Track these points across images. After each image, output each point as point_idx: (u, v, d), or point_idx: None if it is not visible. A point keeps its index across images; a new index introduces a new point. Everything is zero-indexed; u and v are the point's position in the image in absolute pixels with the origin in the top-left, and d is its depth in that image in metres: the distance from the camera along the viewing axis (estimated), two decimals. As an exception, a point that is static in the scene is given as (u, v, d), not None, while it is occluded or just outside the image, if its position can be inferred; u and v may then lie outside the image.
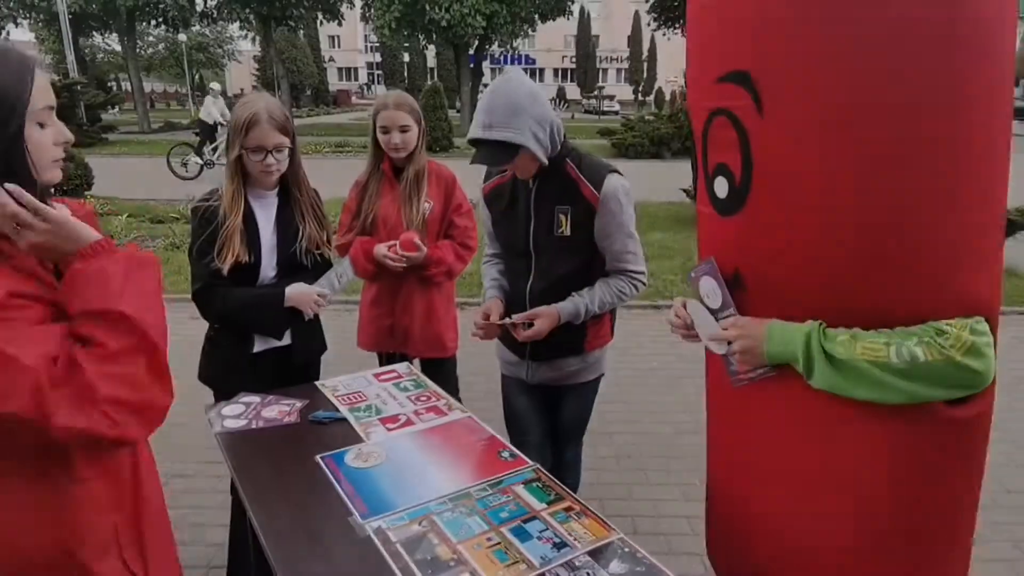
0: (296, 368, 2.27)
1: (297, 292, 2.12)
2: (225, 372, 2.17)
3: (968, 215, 1.15)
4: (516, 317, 2.04)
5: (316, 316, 2.26)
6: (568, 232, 1.97)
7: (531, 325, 2.01)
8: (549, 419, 2.29)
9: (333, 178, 4.29)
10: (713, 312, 1.42)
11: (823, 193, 1.16)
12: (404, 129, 2.45)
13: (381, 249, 2.48)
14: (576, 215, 1.96)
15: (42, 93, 1.07)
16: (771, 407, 1.39)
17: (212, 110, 13.69)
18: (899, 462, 1.23)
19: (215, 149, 13.14)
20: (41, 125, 1.09)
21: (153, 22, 29.64)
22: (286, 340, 2.22)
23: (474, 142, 1.86)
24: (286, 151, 2.06)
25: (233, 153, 2.02)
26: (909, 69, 1.07)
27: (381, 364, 2.80)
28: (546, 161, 1.90)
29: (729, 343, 1.35)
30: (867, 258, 1.15)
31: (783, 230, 1.21)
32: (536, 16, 25.62)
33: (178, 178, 12.81)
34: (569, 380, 2.19)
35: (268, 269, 2.12)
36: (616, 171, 1.98)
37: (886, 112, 1.09)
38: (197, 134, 14.64)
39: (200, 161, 13.18)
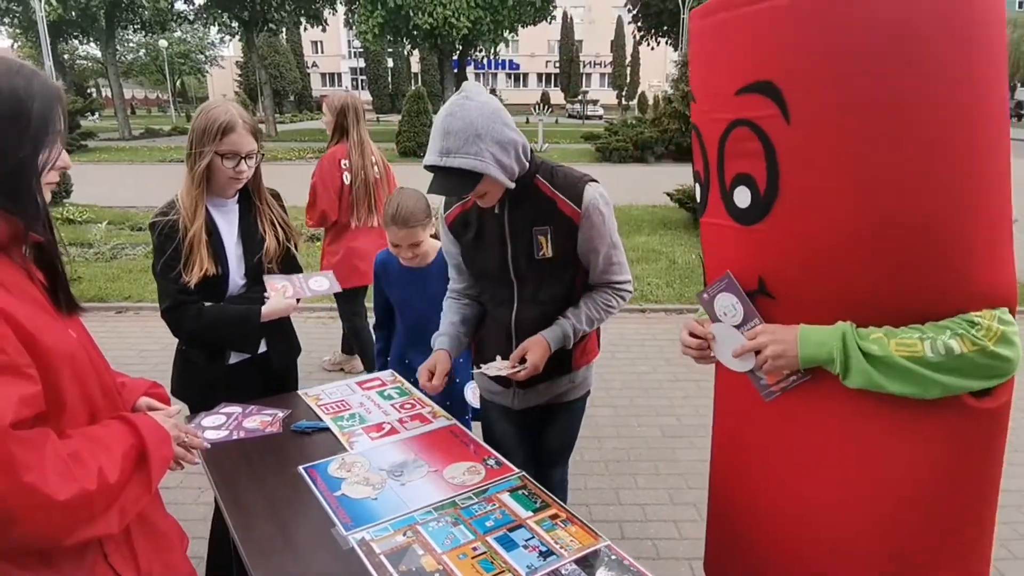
0: (274, 376, 2.22)
1: (271, 309, 2.06)
2: (203, 387, 2.10)
3: (985, 211, 1.19)
4: (506, 363, 1.87)
5: (289, 322, 2.22)
6: (551, 254, 1.82)
7: (522, 361, 1.86)
8: (532, 442, 2.17)
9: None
10: (735, 328, 1.40)
11: (849, 197, 1.18)
12: None
13: None
14: (557, 235, 1.81)
15: (60, 122, 1.10)
16: (799, 418, 1.38)
17: None
18: (931, 458, 1.26)
19: None
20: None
21: (132, 27, 29.36)
22: (261, 348, 2.16)
23: (430, 168, 1.66)
24: (255, 157, 2.01)
25: (204, 160, 1.92)
26: (928, 66, 1.11)
27: None
28: (512, 185, 1.72)
29: (756, 354, 1.34)
30: (894, 258, 1.18)
31: (811, 235, 1.23)
32: (517, 24, 25.72)
33: None
34: (557, 400, 2.08)
35: (237, 279, 2.06)
36: (592, 180, 1.83)
37: (908, 114, 1.12)
38: None
39: None
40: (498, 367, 1.88)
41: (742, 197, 1.30)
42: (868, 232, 1.18)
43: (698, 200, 1.49)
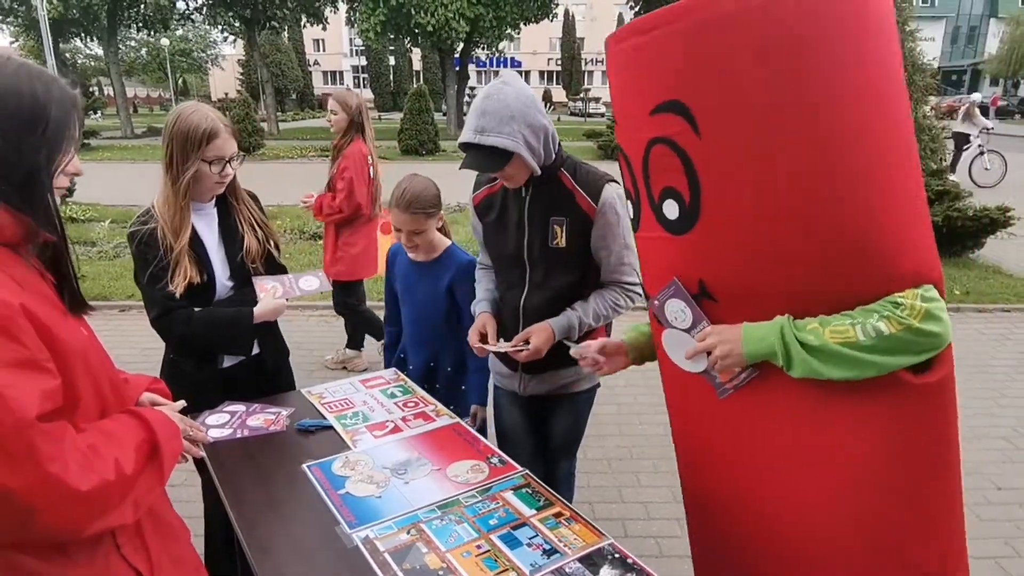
0: (268, 376, 2.21)
1: (263, 311, 2.06)
2: (196, 393, 2.01)
3: (893, 198, 1.26)
4: (509, 343, 1.97)
5: (275, 323, 2.21)
6: (563, 244, 1.91)
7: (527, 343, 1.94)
8: (541, 433, 2.22)
9: (319, 182, 4.27)
10: (685, 332, 1.45)
11: (763, 200, 1.26)
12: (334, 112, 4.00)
13: None
14: (572, 226, 1.90)
15: (75, 128, 1.12)
16: (752, 414, 1.42)
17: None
18: (883, 435, 1.31)
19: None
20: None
21: (134, 26, 29.37)
22: (255, 349, 2.15)
23: (464, 147, 1.79)
24: (237, 159, 1.99)
25: (190, 170, 1.88)
26: (815, 74, 1.20)
27: None
28: (539, 170, 1.84)
29: (708, 355, 1.39)
30: (816, 252, 1.25)
31: (737, 238, 1.30)
32: (520, 21, 25.68)
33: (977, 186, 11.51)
34: (563, 391, 2.13)
35: (223, 281, 2.05)
36: (613, 180, 1.91)
37: (808, 113, 1.21)
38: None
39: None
40: (499, 345, 1.98)
41: (671, 210, 1.37)
42: (787, 231, 1.25)
43: (631, 217, 1.55)
